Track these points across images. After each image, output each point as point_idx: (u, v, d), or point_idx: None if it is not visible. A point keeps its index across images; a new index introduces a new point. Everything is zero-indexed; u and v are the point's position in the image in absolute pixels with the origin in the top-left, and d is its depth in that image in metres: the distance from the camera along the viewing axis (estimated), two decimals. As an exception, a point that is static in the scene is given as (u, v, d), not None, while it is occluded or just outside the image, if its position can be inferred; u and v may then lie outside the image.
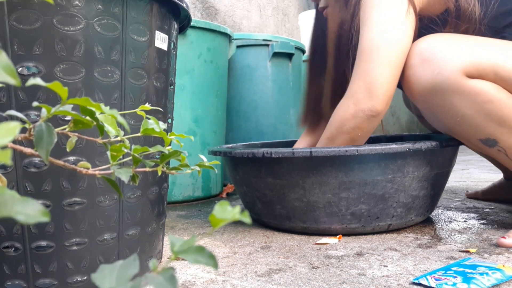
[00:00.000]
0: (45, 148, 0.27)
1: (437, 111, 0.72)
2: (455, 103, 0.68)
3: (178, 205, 1.20)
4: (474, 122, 0.68)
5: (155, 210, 0.61)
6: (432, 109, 0.73)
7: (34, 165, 0.48)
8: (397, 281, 0.55)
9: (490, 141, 0.70)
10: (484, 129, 0.68)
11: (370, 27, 0.75)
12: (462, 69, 0.66)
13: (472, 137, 0.71)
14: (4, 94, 0.47)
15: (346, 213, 0.75)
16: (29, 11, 0.46)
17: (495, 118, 0.67)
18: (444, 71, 0.67)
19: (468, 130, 0.70)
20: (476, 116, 0.68)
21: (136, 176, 0.34)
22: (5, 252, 0.49)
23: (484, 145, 0.71)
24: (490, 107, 0.66)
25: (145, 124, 0.35)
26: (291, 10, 2.79)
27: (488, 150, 0.72)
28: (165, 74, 0.61)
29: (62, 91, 0.26)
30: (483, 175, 1.56)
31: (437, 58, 0.68)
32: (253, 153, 0.77)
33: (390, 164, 0.73)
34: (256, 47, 1.49)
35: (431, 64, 0.69)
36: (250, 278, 0.58)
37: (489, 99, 0.66)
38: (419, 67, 0.70)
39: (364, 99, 0.73)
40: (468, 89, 0.66)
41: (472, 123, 0.69)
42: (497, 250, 0.66)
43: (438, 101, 0.70)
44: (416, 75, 0.71)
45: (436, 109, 0.72)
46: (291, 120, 1.59)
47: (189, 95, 1.20)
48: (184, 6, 0.62)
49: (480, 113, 0.67)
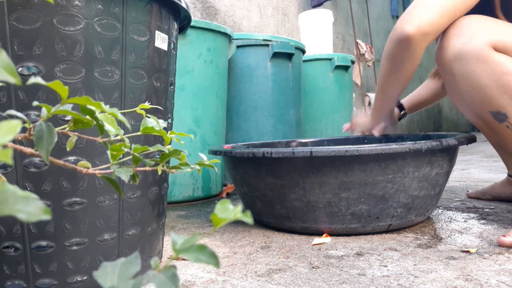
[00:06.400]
0: (46, 147, 0.27)
1: (459, 79, 0.76)
2: (476, 71, 0.73)
3: (178, 205, 1.20)
4: (489, 92, 0.73)
5: (155, 210, 0.61)
6: (455, 76, 0.77)
7: (34, 165, 0.48)
8: (397, 281, 0.55)
9: (501, 115, 0.74)
10: (497, 101, 0.73)
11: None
12: (490, 41, 0.71)
13: (484, 108, 0.75)
14: (4, 94, 0.47)
15: (346, 213, 0.75)
16: (29, 11, 0.46)
17: (509, 91, 0.71)
18: (473, 40, 0.73)
19: (482, 100, 0.74)
20: (493, 86, 0.72)
21: (136, 176, 0.34)
22: (5, 252, 0.49)
23: (494, 119, 0.75)
24: (507, 78, 0.71)
25: (145, 123, 0.35)
26: (291, 10, 2.80)
27: (497, 126, 0.76)
28: (165, 74, 0.61)
29: (62, 90, 0.26)
30: (483, 175, 1.56)
31: (470, 30, 0.74)
32: (253, 153, 0.77)
33: (390, 164, 0.73)
34: (256, 47, 1.49)
35: (464, 34, 0.74)
36: (250, 278, 0.58)
37: (509, 71, 0.70)
38: (454, 36, 0.76)
39: (399, 24, 0.79)
40: (491, 58, 0.71)
41: (487, 93, 0.73)
42: (497, 250, 0.66)
43: (461, 67, 0.75)
44: (449, 42, 0.76)
45: (458, 76, 0.76)
46: (291, 120, 1.59)
47: (189, 95, 1.20)
48: (184, 6, 0.62)
49: (497, 83, 0.71)
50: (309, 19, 2.17)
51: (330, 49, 2.19)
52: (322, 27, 2.17)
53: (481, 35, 0.72)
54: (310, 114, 2.00)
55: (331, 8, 3.23)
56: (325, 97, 2.01)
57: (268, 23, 2.54)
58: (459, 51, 0.74)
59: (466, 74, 0.74)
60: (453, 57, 0.75)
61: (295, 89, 1.61)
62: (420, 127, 4.97)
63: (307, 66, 1.99)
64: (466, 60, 0.73)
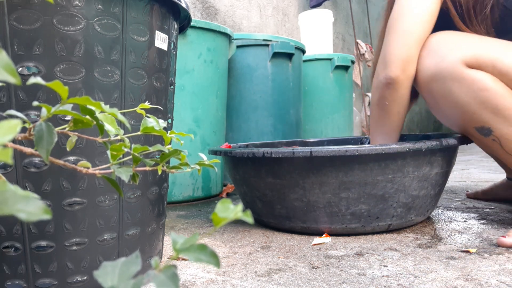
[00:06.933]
0: (46, 147, 0.27)
1: (438, 98, 0.76)
2: (453, 90, 0.72)
3: (178, 205, 1.20)
4: (470, 109, 0.72)
5: (155, 210, 0.61)
6: (434, 96, 0.77)
7: (34, 165, 0.48)
8: (397, 281, 0.55)
9: (485, 130, 0.73)
10: (479, 117, 0.72)
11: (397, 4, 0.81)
12: (462, 59, 0.71)
13: (468, 125, 0.75)
14: (4, 94, 0.47)
15: (346, 213, 0.75)
16: (29, 11, 0.46)
17: (489, 106, 0.70)
18: (446, 60, 0.72)
19: (465, 117, 0.74)
20: (472, 103, 0.71)
21: (136, 175, 0.34)
22: (5, 252, 0.49)
23: (480, 134, 0.75)
24: (485, 94, 0.70)
25: (145, 123, 0.35)
26: (291, 10, 2.80)
27: (484, 140, 0.75)
28: (165, 74, 0.61)
29: (62, 90, 0.26)
30: (483, 175, 1.56)
31: (441, 49, 0.74)
32: (253, 153, 0.77)
33: (390, 164, 0.73)
34: (256, 47, 1.49)
35: (436, 54, 0.74)
36: (250, 278, 0.58)
37: (485, 87, 0.70)
38: (426, 57, 0.76)
39: (381, 69, 0.80)
40: (466, 76, 0.71)
41: (468, 110, 0.73)
42: (497, 250, 0.66)
43: (439, 87, 0.74)
44: (422, 64, 0.77)
45: (437, 96, 0.76)
46: (291, 120, 1.59)
47: (189, 95, 1.20)
48: (184, 6, 0.62)
49: (476, 100, 0.71)
50: (309, 19, 2.17)
51: (330, 49, 2.19)
52: (322, 27, 2.17)
53: (452, 53, 0.72)
54: (310, 114, 2.00)
55: (331, 8, 3.23)
56: (325, 97, 2.01)
57: (268, 23, 2.54)
58: (434, 72, 0.74)
59: (444, 94, 0.74)
60: (428, 78, 0.75)
61: (295, 89, 1.61)
62: (420, 127, 4.97)
63: (307, 66, 1.99)
64: (442, 80, 0.73)
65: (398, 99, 0.81)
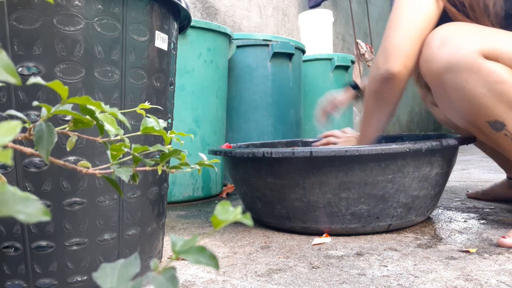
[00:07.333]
0: (46, 147, 0.27)
1: (450, 90, 0.74)
2: (469, 81, 0.70)
3: (178, 205, 1.20)
4: (485, 102, 0.70)
5: (155, 210, 0.61)
6: (445, 88, 0.75)
7: (34, 165, 0.48)
8: (397, 281, 0.55)
9: (498, 124, 0.71)
10: (493, 110, 0.70)
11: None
12: (479, 50, 0.69)
13: (480, 118, 0.73)
14: (4, 94, 0.47)
15: (346, 213, 0.75)
16: (29, 11, 0.46)
17: (505, 100, 0.68)
18: (462, 50, 0.70)
19: (478, 110, 0.72)
20: (488, 95, 0.69)
21: (136, 175, 0.34)
22: (5, 252, 0.49)
23: (492, 129, 0.73)
24: (502, 87, 0.68)
25: (145, 123, 0.35)
26: (291, 10, 2.80)
27: (495, 135, 0.73)
28: (165, 74, 0.61)
29: (62, 90, 0.26)
30: (483, 175, 1.56)
31: (456, 39, 0.71)
32: (253, 153, 0.77)
33: (390, 164, 0.73)
34: (256, 47, 1.49)
35: (449, 44, 0.72)
36: (250, 278, 0.58)
37: (502, 80, 0.68)
38: (438, 47, 0.73)
39: (381, 63, 0.79)
40: (482, 67, 0.68)
41: (482, 103, 0.70)
42: (497, 250, 0.66)
43: (452, 79, 0.72)
44: (434, 54, 0.74)
45: (449, 88, 0.74)
46: (291, 120, 1.59)
47: (189, 95, 1.20)
48: (184, 6, 0.62)
49: (492, 92, 0.69)
50: (309, 19, 2.17)
51: (330, 49, 2.19)
52: (322, 27, 2.16)
53: (469, 44, 0.70)
54: (310, 114, 2.00)
55: (331, 8, 3.23)
56: (325, 97, 2.01)
57: (268, 23, 2.54)
58: (447, 62, 0.71)
59: (458, 85, 0.72)
60: (442, 69, 0.73)
61: (295, 89, 1.61)
62: (420, 127, 4.97)
63: (307, 66, 1.99)
64: (457, 70, 0.71)
65: (397, 92, 0.81)
